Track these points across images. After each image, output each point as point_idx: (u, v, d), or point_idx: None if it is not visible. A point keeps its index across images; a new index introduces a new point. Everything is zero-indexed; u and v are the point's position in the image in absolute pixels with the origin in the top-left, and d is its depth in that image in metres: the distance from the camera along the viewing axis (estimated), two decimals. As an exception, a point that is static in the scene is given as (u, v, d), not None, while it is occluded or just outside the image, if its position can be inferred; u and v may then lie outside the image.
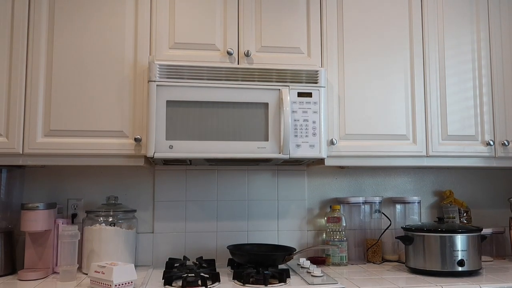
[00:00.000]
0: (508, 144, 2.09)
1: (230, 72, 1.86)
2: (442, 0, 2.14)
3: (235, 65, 1.92)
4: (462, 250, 1.86)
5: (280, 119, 1.87)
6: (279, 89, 1.88)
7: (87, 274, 1.93)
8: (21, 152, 1.81)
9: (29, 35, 1.86)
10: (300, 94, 1.90)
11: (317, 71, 1.92)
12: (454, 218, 2.33)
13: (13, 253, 1.97)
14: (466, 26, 2.16)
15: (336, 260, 2.14)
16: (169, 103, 1.81)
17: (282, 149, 1.85)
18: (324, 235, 2.31)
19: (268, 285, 1.67)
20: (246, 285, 1.68)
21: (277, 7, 2.02)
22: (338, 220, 2.19)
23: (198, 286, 1.65)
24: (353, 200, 2.26)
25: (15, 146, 1.81)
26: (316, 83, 1.91)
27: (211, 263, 2.00)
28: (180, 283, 1.70)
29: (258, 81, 1.87)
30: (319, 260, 2.17)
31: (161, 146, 1.79)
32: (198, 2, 1.97)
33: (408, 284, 1.72)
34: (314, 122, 1.89)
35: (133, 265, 1.70)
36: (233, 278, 1.77)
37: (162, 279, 1.77)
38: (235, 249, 2.01)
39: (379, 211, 2.31)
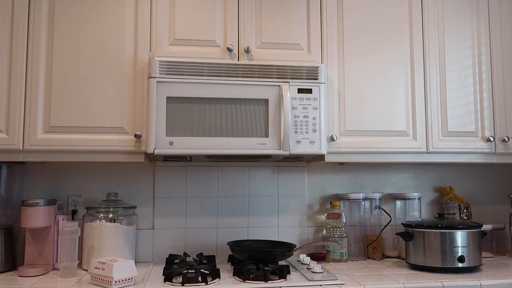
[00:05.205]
0: (508, 140, 2.09)
1: (230, 68, 1.86)
2: (443, -5, 2.15)
3: (235, 61, 1.91)
4: (462, 246, 1.86)
5: (280, 115, 1.86)
6: (279, 86, 1.88)
7: (87, 270, 1.93)
8: (21, 149, 1.81)
9: (29, 32, 1.86)
10: (300, 90, 1.89)
11: (317, 67, 1.91)
12: (454, 214, 2.33)
13: (13, 250, 1.97)
14: (466, 22, 2.15)
15: (336, 256, 2.14)
16: (169, 99, 1.81)
17: (282, 146, 1.85)
18: (324, 232, 2.31)
19: (268, 281, 1.67)
20: (246, 281, 1.69)
21: (277, 3, 2.01)
22: (338, 216, 2.19)
23: (198, 282, 1.65)
24: (353, 196, 2.26)
25: (15, 143, 1.81)
26: (316, 79, 1.91)
27: (211, 259, 2.00)
28: (180, 279, 1.70)
29: (258, 77, 1.87)
30: (319, 257, 2.18)
31: (161, 143, 1.79)
32: (198, -2, 1.97)
33: (408, 280, 1.72)
34: (314, 118, 1.89)
35: (133, 261, 1.70)
36: (233, 274, 1.77)
37: (162, 275, 1.78)
38: (235, 245, 2.01)
39: (379, 207, 2.31)
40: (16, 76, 1.83)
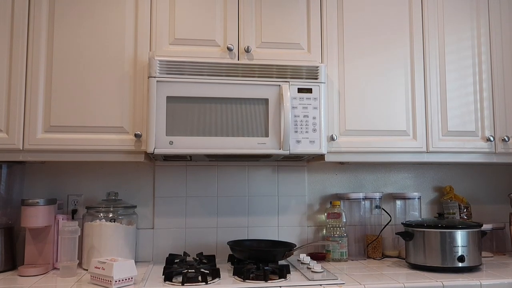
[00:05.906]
0: (508, 140, 2.09)
1: (230, 68, 1.86)
2: (443, -5, 2.15)
3: (235, 61, 1.91)
4: (462, 246, 1.86)
5: (280, 115, 1.86)
6: (279, 85, 1.88)
7: (87, 270, 1.93)
8: (21, 148, 1.81)
9: (29, 31, 1.86)
10: (300, 90, 1.89)
11: (317, 67, 1.91)
12: (454, 214, 2.33)
13: (13, 249, 1.97)
14: (466, 22, 2.15)
15: (336, 256, 2.14)
16: (169, 99, 1.81)
17: (282, 145, 1.85)
18: (324, 231, 2.31)
19: (268, 281, 1.67)
20: (246, 281, 1.69)
21: (277, 3, 2.01)
22: (338, 216, 2.19)
23: (198, 282, 1.65)
24: (353, 196, 2.26)
25: (15, 142, 1.81)
26: (316, 79, 1.91)
27: (211, 259, 2.00)
28: (180, 279, 1.70)
29: (258, 77, 1.87)
30: (319, 256, 2.18)
31: (161, 142, 1.79)
32: (198, -2, 1.97)
33: (408, 280, 1.72)
34: (314, 118, 1.89)
35: (133, 261, 1.70)
36: (233, 274, 1.77)
37: (162, 275, 1.78)
38: (235, 245, 2.01)
39: (379, 207, 2.31)
40: (16, 76, 1.83)
